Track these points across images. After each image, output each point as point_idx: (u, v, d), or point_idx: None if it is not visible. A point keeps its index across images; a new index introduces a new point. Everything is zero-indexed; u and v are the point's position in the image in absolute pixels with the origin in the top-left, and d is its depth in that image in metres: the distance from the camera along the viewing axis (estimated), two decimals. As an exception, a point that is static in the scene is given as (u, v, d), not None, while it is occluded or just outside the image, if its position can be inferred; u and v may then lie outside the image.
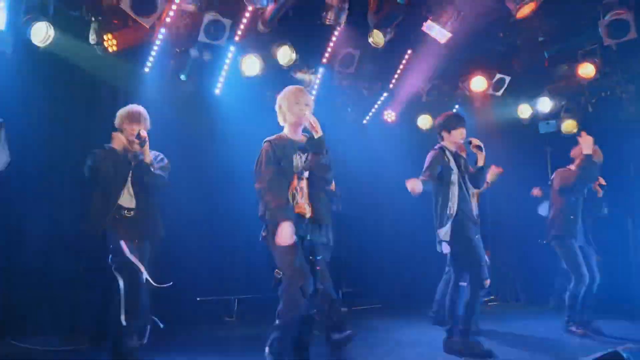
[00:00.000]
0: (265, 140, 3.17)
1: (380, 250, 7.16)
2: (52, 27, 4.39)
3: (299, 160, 3.13)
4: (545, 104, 6.85)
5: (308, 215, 3.09)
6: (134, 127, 3.62)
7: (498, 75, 6.53)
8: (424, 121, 7.02)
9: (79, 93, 4.77)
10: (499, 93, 6.67)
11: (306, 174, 3.13)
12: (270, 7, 4.83)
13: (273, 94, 3.64)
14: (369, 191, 6.92)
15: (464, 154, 4.28)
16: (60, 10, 4.44)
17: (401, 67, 6.21)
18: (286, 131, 3.24)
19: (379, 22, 4.72)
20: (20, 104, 4.42)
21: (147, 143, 3.59)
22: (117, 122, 3.69)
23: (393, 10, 4.61)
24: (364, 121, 6.86)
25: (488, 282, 3.97)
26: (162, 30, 4.58)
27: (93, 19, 4.46)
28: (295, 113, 3.12)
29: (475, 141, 4.10)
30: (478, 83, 6.50)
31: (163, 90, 5.15)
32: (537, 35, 5.69)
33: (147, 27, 4.37)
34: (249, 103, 5.73)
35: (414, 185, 3.76)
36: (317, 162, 3.08)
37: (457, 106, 6.97)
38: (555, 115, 7.00)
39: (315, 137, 3.05)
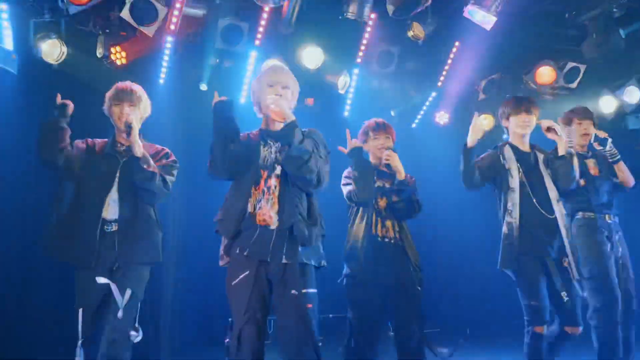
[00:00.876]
0: None
1: (438, 268, 6.40)
2: (64, 44, 4.32)
3: (267, 152, 2.47)
4: (633, 95, 5.73)
5: (273, 225, 2.34)
6: (123, 108, 2.84)
7: (570, 64, 5.58)
8: (484, 121, 6.17)
9: (92, 110, 4.63)
10: (574, 85, 5.69)
11: (278, 169, 2.42)
12: (285, 5, 4.40)
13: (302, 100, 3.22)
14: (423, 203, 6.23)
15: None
16: (69, 25, 4.34)
17: (449, 61, 5.47)
18: (262, 125, 2.60)
19: (398, 10, 4.09)
20: (31, 125, 4.38)
21: (135, 129, 2.76)
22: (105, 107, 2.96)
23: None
24: (413, 125, 6.17)
25: (542, 328, 2.96)
26: (169, 38, 4.31)
27: (100, 32, 4.30)
28: (267, 100, 2.45)
29: (547, 123, 3.18)
30: (545, 74, 5.58)
31: (182, 103, 4.92)
32: (611, 10, 4.70)
33: (150, 35, 4.13)
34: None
35: None
36: (285, 155, 2.38)
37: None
38: (647, 107, 5.85)
39: (287, 121, 2.37)
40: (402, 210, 3.24)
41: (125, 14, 4.04)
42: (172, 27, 4.18)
